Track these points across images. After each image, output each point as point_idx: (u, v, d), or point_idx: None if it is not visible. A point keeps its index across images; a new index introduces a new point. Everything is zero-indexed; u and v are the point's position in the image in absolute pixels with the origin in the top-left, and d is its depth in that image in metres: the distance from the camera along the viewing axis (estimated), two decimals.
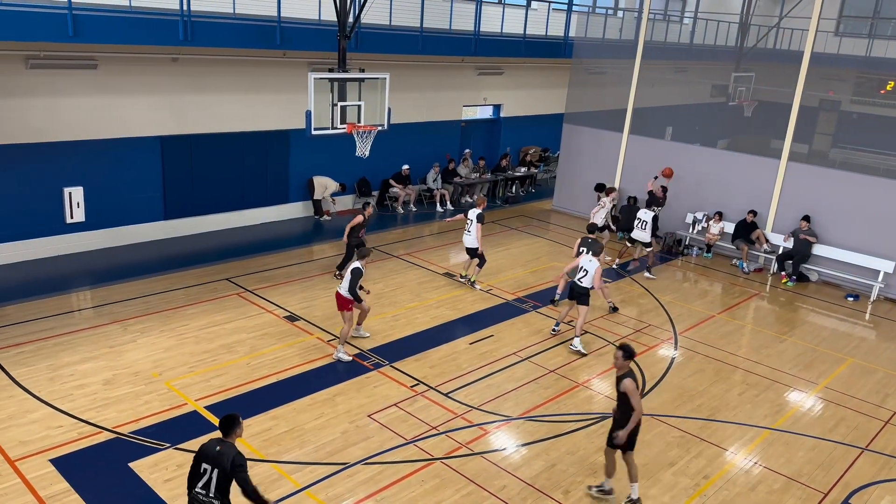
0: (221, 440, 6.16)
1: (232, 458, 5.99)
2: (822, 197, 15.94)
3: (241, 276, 13.82)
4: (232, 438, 6.16)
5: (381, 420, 9.28)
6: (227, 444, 6.11)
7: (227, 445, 6.10)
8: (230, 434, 6.17)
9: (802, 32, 17.40)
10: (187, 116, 15.40)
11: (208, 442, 6.17)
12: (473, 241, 13.74)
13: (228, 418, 6.20)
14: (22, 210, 13.53)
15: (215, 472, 6.00)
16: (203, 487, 6.05)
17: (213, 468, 6.01)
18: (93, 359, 10.29)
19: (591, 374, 10.97)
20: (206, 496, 6.05)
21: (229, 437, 6.17)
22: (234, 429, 6.17)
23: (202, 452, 6.11)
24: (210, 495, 6.04)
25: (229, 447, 6.09)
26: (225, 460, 5.98)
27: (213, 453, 6.06)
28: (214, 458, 6.03)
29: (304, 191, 18.08)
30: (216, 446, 6.09)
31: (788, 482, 8.67)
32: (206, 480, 6.04)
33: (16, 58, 12.77)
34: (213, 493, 6.03)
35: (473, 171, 21.30)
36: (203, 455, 6.10)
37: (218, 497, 6.04)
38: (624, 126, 19.12)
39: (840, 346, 12.82)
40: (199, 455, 6.12)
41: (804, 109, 16.52)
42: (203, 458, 6.08)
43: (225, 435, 6.17)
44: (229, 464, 5.97)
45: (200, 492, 6.07)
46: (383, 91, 13.20)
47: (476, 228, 13.65)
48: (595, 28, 22.10)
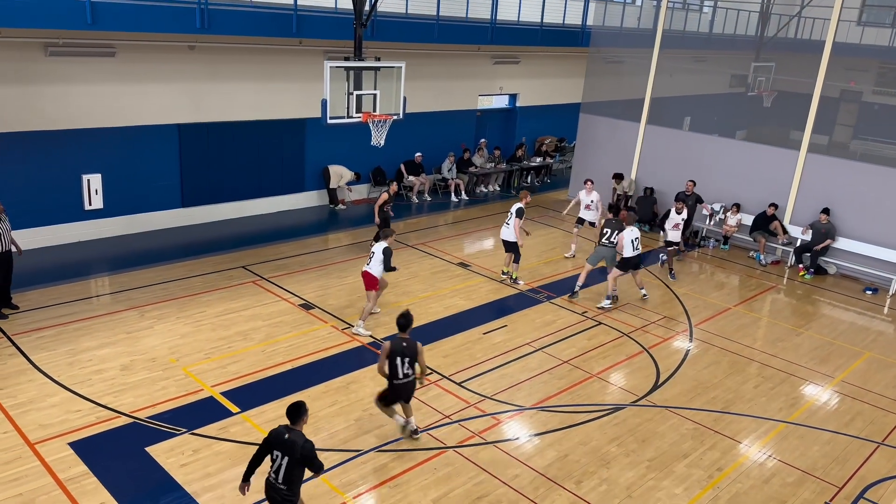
0: (289, 427, 6.24)
1: (301, 446, 6.10)
2: (842, 189, 15.76)
3: (257, 264, 13.91)
4: (299, 426, 6.26)
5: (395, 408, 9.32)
6: (295, 432, 6.20)
7: (295, 433, 6.20)
8: (297, 421, 6.25)
9: (824, 22, 17.15)
10: (204, 104, 15.47)
11: (277, 429, 6.25)
12: (511, 235, 13.41)
13: (295, 406, 6.27)
14: (41, 197, 13.68)
15: (285, 459, 6.12)
16: (275, 472, 6.19)
17: (284, 455, 6.13)
18: (111, 344, 10.42)
19: (605, 365, 10.96)
20: (276, 481, 6.20)
21: (297, 425, 6.26)
22: (301, 416, 6.26)
23: (272, 439, 6.22)
24: (280, 481, 6.17)
25: (298, 435, 6.18)
26: (295, 449, 6.09)
27: (282, 440, 6.17)
28: (284, 446, 6.15)
29: (320, 179, 18.12)
30: (285, 434, 6.18)
31: (803, 476, 8.63)
32: (277, 466, 6.18)
33: (35, 45, 12.88)
34: (281, 479, 6.16)
35: (489, 160, 21.26)
36: (273, 442, 6.21)
37: (285, 484, 6.15)
38: (641, 116, 18.97)
39: (857, 339, 12.71)
40: (269, 441, 6.23)
41: (825, 100, 16.31)
42: (273, 445, 6.20)
43: (292, 422, 6.25)
44: (298, 452, 6.08)
45: (272, 476, 6.22)
46: (399, 80, 13.18)
47: (515, 223, 13.33)
48: (613, 16, 21.92)
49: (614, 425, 9.37)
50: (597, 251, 13.39)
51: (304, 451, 6.08)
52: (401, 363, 8.17)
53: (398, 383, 8.28)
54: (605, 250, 13.18)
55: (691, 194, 16.56)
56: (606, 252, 13.19)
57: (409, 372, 8.26)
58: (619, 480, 8.25)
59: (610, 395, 10.14)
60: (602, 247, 13.20)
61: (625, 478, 8.30)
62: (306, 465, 6.15)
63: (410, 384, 8.38)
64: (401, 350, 8.15)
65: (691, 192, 16.59)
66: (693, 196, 16.53)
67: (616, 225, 13.02)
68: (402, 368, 8.19)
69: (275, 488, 6.22)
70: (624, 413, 9.68)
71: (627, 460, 8.63)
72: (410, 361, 8.22)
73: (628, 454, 8.75)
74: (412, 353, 8.21)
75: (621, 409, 9.79)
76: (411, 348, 8.21)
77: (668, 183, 18.45)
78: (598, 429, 9.27)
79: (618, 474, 8.36)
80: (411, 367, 8.26)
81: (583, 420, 9.45)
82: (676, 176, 18.31)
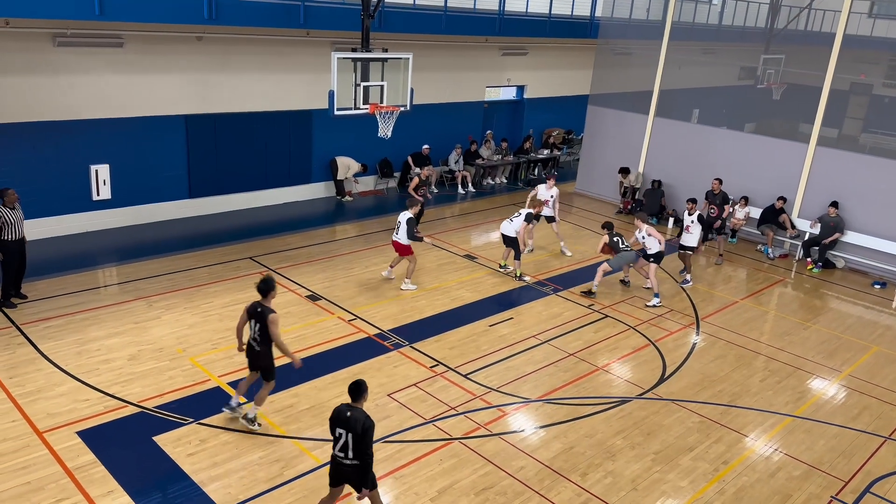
0: (350, 406, 6.48)
1: (362, 422, 6.35)
2: (851, 182, 15.66)
3: (264, 256, 13.93)
4: (360, 403, 6.50)
5: (401, 399, 9.35)
6: (356, 409, 6.45)
7: (356, 410, 6.44)
8: (358, 399, 6.50)
9: (835, 14, 17.00)
10: (211, 95, 15.47)
11: (339, 407, 6.52)
12: (512, 231, 13.41)
13: (356, 384, 6.52)
14: (49, 187, 13.73)
15: (349, 435, 6.38)
16: (341, 450, 6.46)
17: (347, 432, 6.39)
18: (118, 334, 10.47)
19: (611, 359, 10.95)
20: (345, 458, 6.46)
21: (357, 402, 6.50)
22: (361, 394, 6.50)
23: (335, 417, 6.49)
24: (349, 457, 6.43)
25: (359, 412, 6.43)
26: (357, 425, 6.34)
27: (344, 418, 6.42)
28: (346, 423, 6.40)
29: (327, 171, 18.12)
30: (346, 412, 6.43)
31: (809, 469, 8.62)
32: (342, 443, 6.44)
33: (43, 36, 12.90)
34: (351, 454, 6.42)
35: (496, 152, 21.21)
36: (336, 420, 6.47)
37: (358, 457, 6.42)
38: (650, 108, 18.89)
39: (865, 334, 12.65)
40: (333, 420, 6.50)
41: (834, 93, 16.20)
42: (337, 424, 6.46)
43: (353, 400, 6.50)
44: (360, 428, 6.33)
45: (339, 454, 6.48)
46: (406, 71, 13.14)
47: (521, 225, 13.41)
48: (622, 8, 21.76)
49: (620, 418, 9.37)
50: (619, 257, 13.07)
51: (365, 427, 6.34)
52: (252, 327, 8.12)
53: (250, 347, 8.25)
54: (626, 255, 13.09)
55: (718, 193, 15.89)
56: (628, 257, 13.13)
57: (257, 337, 8.10)
58: (624, 473, 8.26)
59: (616, 388, 10.13)
60: (623, 252, 13.04)
61: (630, 470, 8.31)
62: (364, 443, 6.38)
63: (259, 354, 8.20)
64: (255, 314, 8.06)
65: (718, 190, 15.90)
66: (720, 195, 15.90)
67: (614, 234, 13.14)
68: (253, 332, 8.11)
69: (343, 465, 6.50)
70: (630, 406, 9.68)
71: (633, 453, 8.63)
72: (261, 329, 8.03)
73: (634, 447, 8.75)
74: (262, 319, 8.00)
75: (627, 401, 9.79)
76: (262, 315, 8.01)
77: (676, 176, 18.40)
78: (604, 421, 9.27)
79: (623, 467, 8.36)
80: (262, 337, 8.06)
81: (588, 412, 9.45)
82: (684, 169, 18.26)
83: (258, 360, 8.29)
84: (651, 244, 12.90)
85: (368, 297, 12.40)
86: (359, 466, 6.44)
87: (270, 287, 8.10)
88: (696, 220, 13.88)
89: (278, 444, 8.25)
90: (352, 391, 6.52)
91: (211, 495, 7.36)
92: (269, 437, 8.39)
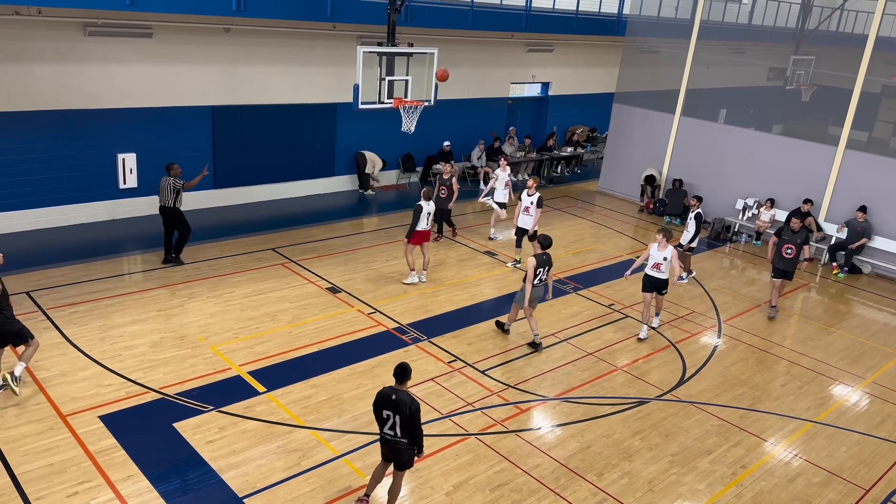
0: (395, 388, 6.70)
1: (408, 405, 6.60)
2: (881, 187, 15.40)
3: (287, 247, 14.03)
4: (404, 386, 6.73)
5: (418, 393, 9.37)
6: (401, 392, 6.67)
7: (401, 393, 6.66)
8: (403, 382, 6.73)
9: (868, 15, 16.71)
10: (238, 87, 15.59)
11: (384, 390, 6.75)
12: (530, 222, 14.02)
13: (401, 367, 6.74)
14: (77, 174, 13.93)
15: (397, 417, 6.65)
16: (390, 429, 6.75)
17: (395, 414, 6.65)
18: (142, 321, 10.61)
19: (630, 359, 10.89)
20: (394, 437, 6.77)
21: (402, 385, 6.72)
22: (406, 377, 6.73)
23: (381, 400, 6.72)
24: (398, 436, 6.74)
25: (404, 395, 6.65)
26: (403, 407, 6.60)
27: (390, 401, 6.66)
28: (393, 405, 6.64)
29: (350, 164, 18.19)
30: (392, 394, 6.66)
31: (829, 476, 8.51)
32: (391, 424, 6.71)
33: (75, 25, 13.07)
34: (399, 434, 6.72)
35: (519, 149, 21.14)
36: (382, 402, 6.71)
37: (406, 437, 6.73)
38: (676, 107, 18.71)
39: (890, 340, 12.45)
40: (379, 403, 6.73)
41: (865, 95, 15.94)
42: (383, 406, 6.70)
43: (399, 382, 6.72)
44: (407, 410, 6.59)
45: (388, 433, 6.78)
46: (431, 66, 13.13)
47: (536, 212, 13.95)
48: (650, 6, 21.56)
49: (638, 419, 9.32)
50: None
51: (412, 410, 6.60)
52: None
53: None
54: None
55: (800, 230, 12.64)
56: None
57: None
58: (641, 474, 8.21)
59: (634, 389, 10.08)
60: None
61: (647, 471, 8.26)
62: (412, 424, 6.64)
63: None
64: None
65: (800, 227, 12.68)
66: (802, 232, 12.64)
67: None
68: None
69: (393, 444, 6.79)
70: (648, 407, 9.62)
71: (650, 454, 8.58)
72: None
73: (651, 448, 8.70)
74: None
75: (646, 402, 9.73)
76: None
77: (702, 176, 18.23)
78: (622, 422, 9.22)
79: (640, 468, 8.32)
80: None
81: (606, 412, 9.41)
82: (710, 169, 18.08)
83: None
84: (665, 270, 11.23)
85: (388, 291, 12.44)
86: (407, 446, 6.76)
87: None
88: (693, 217, 13.46)
89: (296, 434, 8.32)
90: (397, 374, 6.72)
91: (229, 482, 7.45)
92: (288, 426, 8.46)
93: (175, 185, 12.28)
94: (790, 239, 12.47)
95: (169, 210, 12.39)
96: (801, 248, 12.57)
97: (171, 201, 12.33)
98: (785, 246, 12.48)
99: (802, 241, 12.56)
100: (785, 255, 12.50)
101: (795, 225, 12.54)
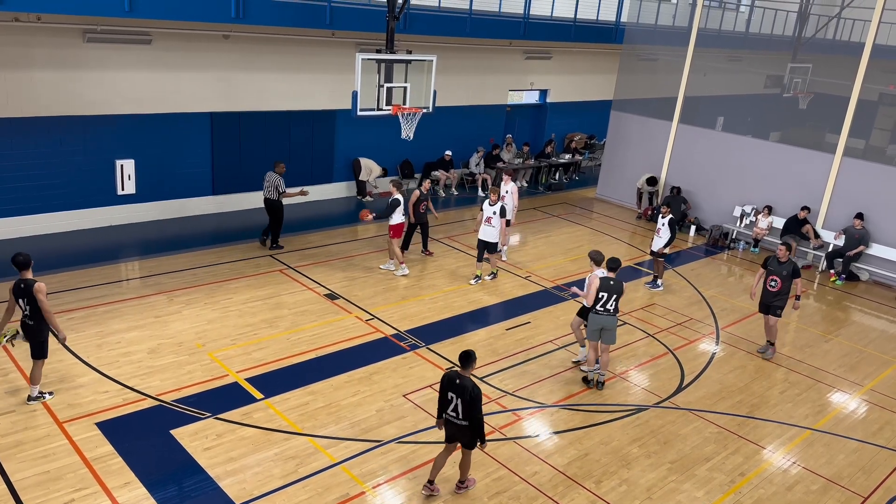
0: (459, 373, 7.10)
1: (470, 390, 6.97)
2: (878, 194, 15.44)
3: (284, 253, 14.02)
4: (468, 371, 7.11)
5: (416, 400, 9.36)
6: (464, 378, 7.05)
7: (464, 378, 7.05)
8: (467, 367, 7.11)
9: (864, 23, 16.79)
10: (237, 93, 15.61)
11: (449, 373, 7.19)
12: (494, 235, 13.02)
13: (466, 353, 7.12)
14: (75, 180, 13.92)
15: (459, 400, 7.04)
16: (453, 411, 7.15)
17: (457, 397, 7.04)
18: (139, 328, 10.59)
19: (629, 366, 10.88)
20: (457, 418, 7.16)
21: (466, 370, 7.10)
22: (470, 363, 7.11)
23: (446, 382, 7.15)
24: (460, 417, 7.12)
25: (466, 380, 7.04)
26: (465, 392, 6.97)
27: (454, 384, 7.07)
28: (456, 389, 7.05)
29: (348, 170, 18.20)
30: (456, 378, 7.07)
31: (827, 484, 8.50)
32: (454, 405, 7.11)
33: (74, 31, 13.09)
34: (461, 416, 7.09)
35: (517, 156, 21.17)
36: (448, 385, 7.13)
37: (466, 420, 7.09)
38: (674, 115, 18.77)
39: (888, 348, 12.46)
40: (445, 385, 7.16)
41: (862, 103, 15.98)
42: (448, 388, 7.13)
43: (463, 367, 7.11)
44: (468, 395, 6.96)
45: (452, 414, 7.18)
46: (430, 73, 13.17)
47: (500, 222, 12.97)
48: (648, 13, 21.64)
49: (636, 426, 9.31)
50: None
51: (473, 395, 6.95)
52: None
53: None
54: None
55: (786, 261, 11.33)
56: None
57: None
58: (639, 481, 8.20)
59: (633, 396, 10.06)
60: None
61: (645, 479, 8.25)
62: (473, 409, 6.97)
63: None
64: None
65: (786, 258, 11.34)
66: (789, 264, 11.29)
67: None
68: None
69: (455, 425, 7.19)
70: (646, 414, 9.61)
71: (648, 462, 8.57)
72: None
73: (650, 455, 8.69)
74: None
75: (644, 409, 9.72)
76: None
77: (699, 183, 18.27)
78: (620, 429, 9.21)
79: (638, 475, 8.30)
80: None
81: (604, 420, 9.40)
82: (708, 176, 18.12)
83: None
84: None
85: (386, 298, 12.43)
86: (468, 427, 7.10)
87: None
88: (667, 223, 13.39)
89: (294, 441, 8.30)
90: (462, 359, 7.09)
91: (226, 490, 7.42)
92: (285, 433, 8.44)
93: (276, 182, 13.61)
94: (775, 270, 11.12)
95: (271, 202, 13.76)
96: (788, 281, 11.05)
97: (273, 194, 13.66)
98: (770, 278, 11.17)
99: (790, 274, 11.05)
100: (769, 287, 11.16)
101: (782, 255, 11.10)
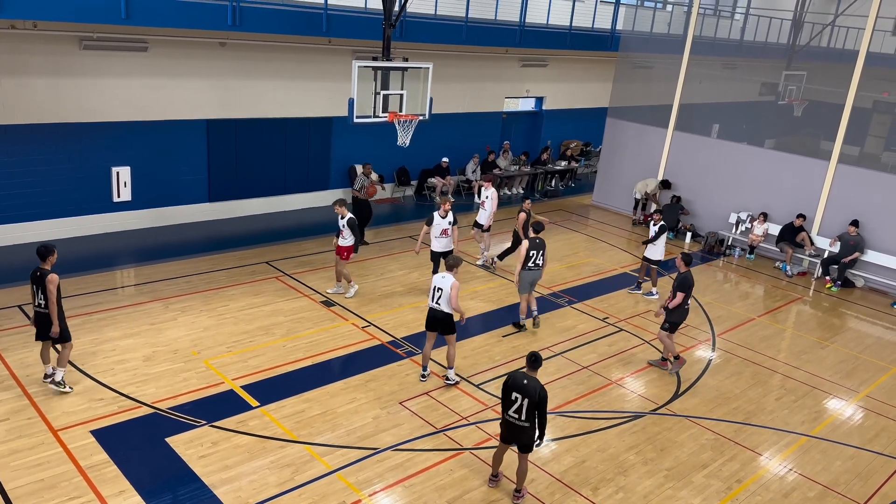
0: (526, 374, 7.25)
1: (538, 391, 7.13)
2: (873, 201, 15.50)
3: (281, 260, 14.00)
4: (535, 373, 7.30)
5: (412, 408, 9.34)
6: (532, 379, 7.21)
7: (532, 380, 7.21)
8: (535, 369, 7.30)
9: (858, 31, 16.88)
10: (233, 101, 15.62)
11: (516, 374, 7.32)
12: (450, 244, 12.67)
13: (535, 355, 7.32)
14: (71, 188, 13.90)
15: (525, 401, 7.15)
16: (515, 412, 7.26)
17: (523, 398, 7.15)
18: (134, 335, 10.55)
19: (625, 373, 10.88)
20: (518, 419, 7.28)
21: (534, 371, 7.29)
22: (538, 364, 7.30)
23: (512, 383, 7.26)
24: (522, 419, 7.25)
25: (535, 381, 7.20)
26: (533, 392, 7.13)
27: (521, 385, 7.19)
28: (523, 389, 7.18)
29: (345, 177, 18.20)
30: (523, 379, 7.20)
31: (824, 491, 8.50)
32: (517, 406, 7.22)
33: (70, 38, 13.09)
34: (524, 417, 7.22)
35: (513, 163, 21.21)
36: (513, 385, 7.25)
37: (529, 421, 7.23)
38: (669, 122, 18.83)
39: (884, 354, 12.48)
40: (510, 385, 7.27)
41: (857, 111, 16.07)
42: (513, 388, 7.23)
43: (531, 369, 7.30)
44: (536, 396, 7.12)
45: (513, 416, 7.29)
46: (426, 81, 13.20)
47: (454, 231, 12.61)
48: (643, 22, 21.74)
49: (633, 433, 9.30)
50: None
51: (541, 396, 7.13)
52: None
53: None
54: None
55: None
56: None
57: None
58: (636, 489, 8.18)
59: (629, 403, 10.06)
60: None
61: (642, 486, 8.24)
62: (539, 410, 7.13)
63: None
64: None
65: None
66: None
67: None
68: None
69: (516, 426, 7.30)
70: (643, 421, 9.60)
71: (645, 469, 8.56)
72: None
73: (646, 462, 8.68)
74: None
75: (641, 416, 9.71)
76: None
77: (695, 190, 18.32)
78: (617, 436, 9.20)
79: (635, 482, 8.29)
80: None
81: (601, 427, 9.38)
82: (703, 183, 18.17)
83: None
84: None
85: (382, 305, 12.42)
86: (529, 429, 7.23)
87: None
88: (657, 229, 13.45)
89: (289, 449, 8.27)
90: (531, 361, 7.28)
91: (221, 498, 7.39)
92: (281, 441, 8.41)
93: (362, 181, 14.73)
94: None
95: (357, 199, 14.86)
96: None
97: (359, 193, 14.74)
98: None
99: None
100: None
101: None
